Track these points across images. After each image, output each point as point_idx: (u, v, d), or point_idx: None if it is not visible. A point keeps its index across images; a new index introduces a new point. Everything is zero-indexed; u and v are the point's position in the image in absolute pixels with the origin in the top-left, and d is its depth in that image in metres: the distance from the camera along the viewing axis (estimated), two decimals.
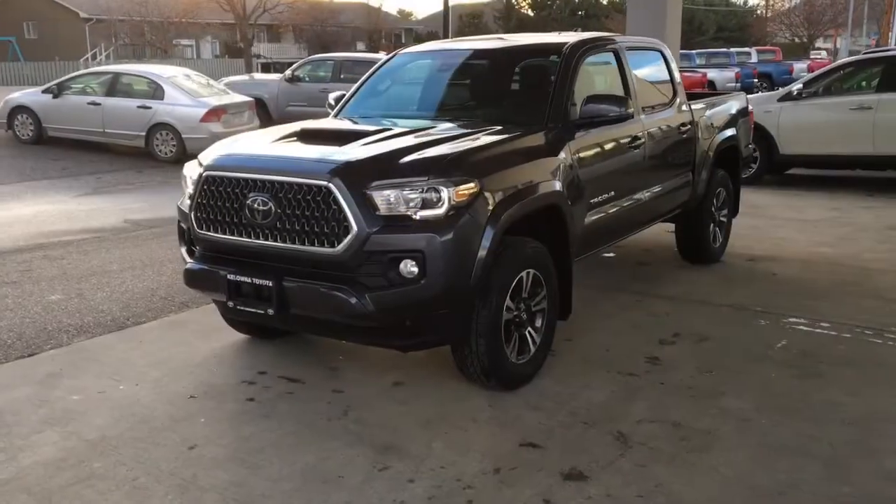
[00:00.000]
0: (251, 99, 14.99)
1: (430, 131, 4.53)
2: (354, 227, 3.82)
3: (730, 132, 6.94)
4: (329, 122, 5.33)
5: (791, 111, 10.81)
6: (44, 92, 15.01)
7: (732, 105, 7.24)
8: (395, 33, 59.64)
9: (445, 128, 4.63)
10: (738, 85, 27.04)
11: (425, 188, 3.86)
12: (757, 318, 5.59)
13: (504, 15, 60.50)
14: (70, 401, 4.33)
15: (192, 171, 4.54)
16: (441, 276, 3.84)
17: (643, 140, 5.47)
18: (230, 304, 4.19)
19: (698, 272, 6.78)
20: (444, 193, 3.85)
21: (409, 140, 4.32)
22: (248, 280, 4.08)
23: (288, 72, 16.87)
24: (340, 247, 3.85)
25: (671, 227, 6.97)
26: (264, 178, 4.04)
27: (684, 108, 6.25)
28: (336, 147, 4.20)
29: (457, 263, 3.88)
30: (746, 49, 34.68)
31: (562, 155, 4.61)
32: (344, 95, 5.74)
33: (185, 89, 14.15)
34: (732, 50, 32.44)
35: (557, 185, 4.49)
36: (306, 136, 4.59)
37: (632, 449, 3.76)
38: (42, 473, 3.59)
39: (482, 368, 4.19)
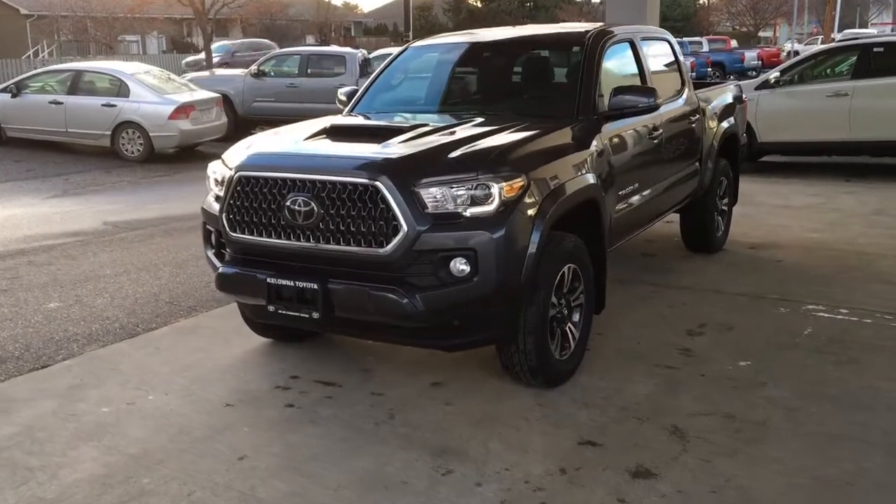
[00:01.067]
0: (218, 95, 14.67)
1: (465, 126, 4.43)
2: (404, 226, 3.71)
3: (731, 121, 6.97)
4: (356, 119, 5.19)
5: (769, 99, 10.94)
6: (1, 91, 14.50)
7: (729, 94, 7.28)
8: (344, 26, 59.11)
9: (478, 122, 4.53)
10: (693, 74, 27.37)
11: (474, 185, 3.77)
12: (775, 305, 5.62)
13: (453, 7, 60.39)
14: (100, 413, 4.15)
15: (219, 171, 4.39)
16: (493, 274, 3.76)
17: (661, 131, 5.46)
18: (270, 308, 4.05)
19: (705, 261, 6.80)
20: (494, 189, 3.77)
21: (449, 136, 4.22)
22: (291, 283, 3.95)
23: (253, 67, 16.55)
24: (389, 247, 3.75)
25: (670, 217, 6.97)
26: (304, 178, 3.91)
27: (693, 97, 6.26)
28: (376, 144, 4.08)
29: (508, 260, 3.80)
30: (698, 38, 35.15)
31: (593, 148, 4.55)
32: (356, 90, 5.60)
33: (150, 86, 13.80)
34: (685, 39, 32.86)
35: (592, 179, 4.44)
36: (338, 134, 4.46)
37: (691, 443, 3.73)
38: (89, 491, 3.42)
39: (529, 367, 4.12)
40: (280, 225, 4.00)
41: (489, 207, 3.77)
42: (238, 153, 4.34)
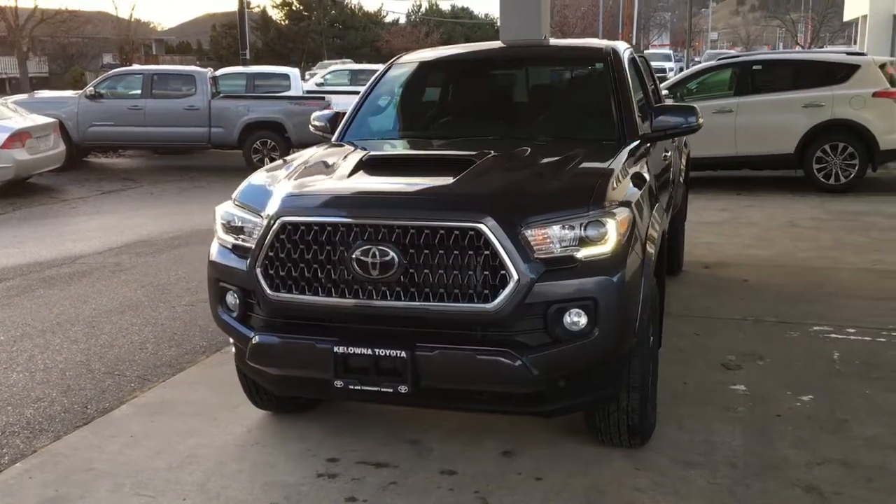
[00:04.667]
0: (55, 120, 13.04)
1: (527, 154, 3.83)
2: (515, 276, 3.10)
3: (686, 139, 6.82)
4: (388, 148, 4.42)
5: None
6: None
7: None
8: (145, 45, 55.86)
9: (532, 149, 3.95)
10: None
11: (586, 222, 3.22)
12: (782, 330, 5.43)
13: (261, 26, 58.73)
14: None
15: (237, 216, 3.57)
16: (614, 326, 3.23)
17: (670, 152, 5.14)
18: (338, 383, 3.27)
19: (674, 284, 6.55)
20: (610, 226, 3.23)
21: (523, 166, 3.64)
22: (367, 352, 3.21)
23: (89, 88, 14.88)
24: (498, 301, 3.11)
25: None
26: (379, 223, 3.19)
27: None
28: (450, 178, 3.41)
29: (628, 308, 3.28)
30: None
31: (646, 174, 4.12)
32: (337, 114, 4.84)
33: None
34: None
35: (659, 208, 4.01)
36: (386, 167, 3.77)
37: (833, 501, 3.35)
38: None
39: (629, 426, 3.60)
40: (344, 280, 3.26)
41: (605, 248, 3.22)
42: (265, 193, 3.54)
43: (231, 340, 3.90)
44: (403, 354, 3.17)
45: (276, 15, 59.82)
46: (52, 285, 7.16)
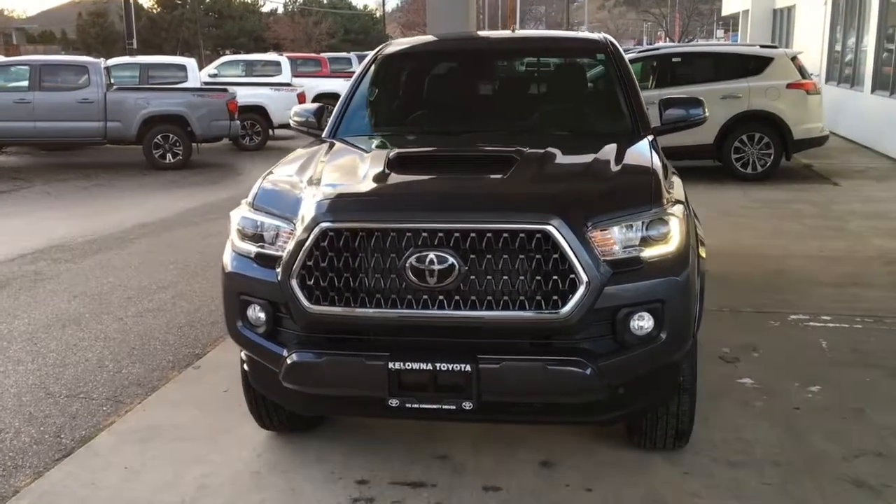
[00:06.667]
0: None
1: (565, 149, 3.64)
2: (585, 279, 2.92)
3: None
4: (410, 145, 4.11)
5: None
6: None
7: None
8: (4, 33, 52.37)
9: (569, 144, 3.78)
10: None
11: (648, 221, 3.07)
12: (762, 319, 5.48)
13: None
14: None
15: (259, 221, 3.23)
16: (680, 329, 3.11)
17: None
18: (393, 402, 3.00)
19: None
20: (673, 225, 3.10)
21: (568, 162, 3.47)
22: (427, 367, 2.95)
23: None
24: (568, 307, 2.92)
25: None
26: (437, 227, 2.94)
27: None
28: (499, 177, 3.20)
29: (690, 309, 3.16)
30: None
31: (673, 169, 4.02)
32: (322, 108, 4.50)
33: None
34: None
35: None
36: (418, 166, 3.50)
37: (884, 494, 3.34)
38: None
39: (677, 430, 3.49)
40: (395, 289, 2.99)
41: (669, 247, 3.09)
42: (291, 197, 3.23)
43: (242, 356, 3.55)
44: (467, 368, 2.93)
45: (148, 3, 57.40)
46: None
